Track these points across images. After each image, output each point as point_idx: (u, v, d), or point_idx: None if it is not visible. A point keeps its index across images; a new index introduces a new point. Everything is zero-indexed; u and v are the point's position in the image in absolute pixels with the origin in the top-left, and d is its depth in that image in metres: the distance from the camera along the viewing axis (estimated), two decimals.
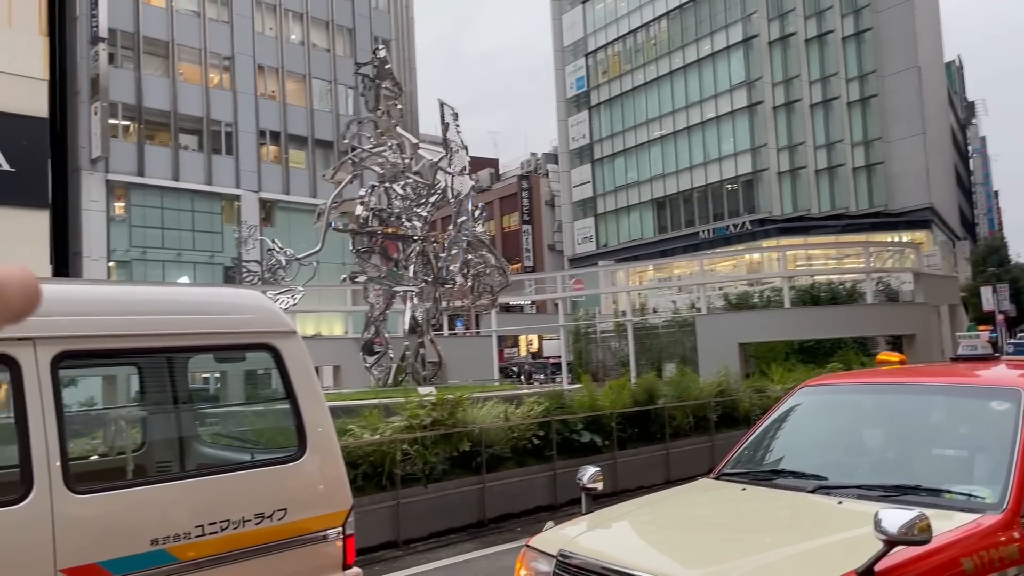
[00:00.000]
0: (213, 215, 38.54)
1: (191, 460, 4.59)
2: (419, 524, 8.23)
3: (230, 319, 3.94)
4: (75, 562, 3.19)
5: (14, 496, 3.14)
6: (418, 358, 16.33)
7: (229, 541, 3.59)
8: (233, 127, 39.51)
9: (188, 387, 4.92)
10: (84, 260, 34.14)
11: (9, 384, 3.25)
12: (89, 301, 3.64)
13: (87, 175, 34.65)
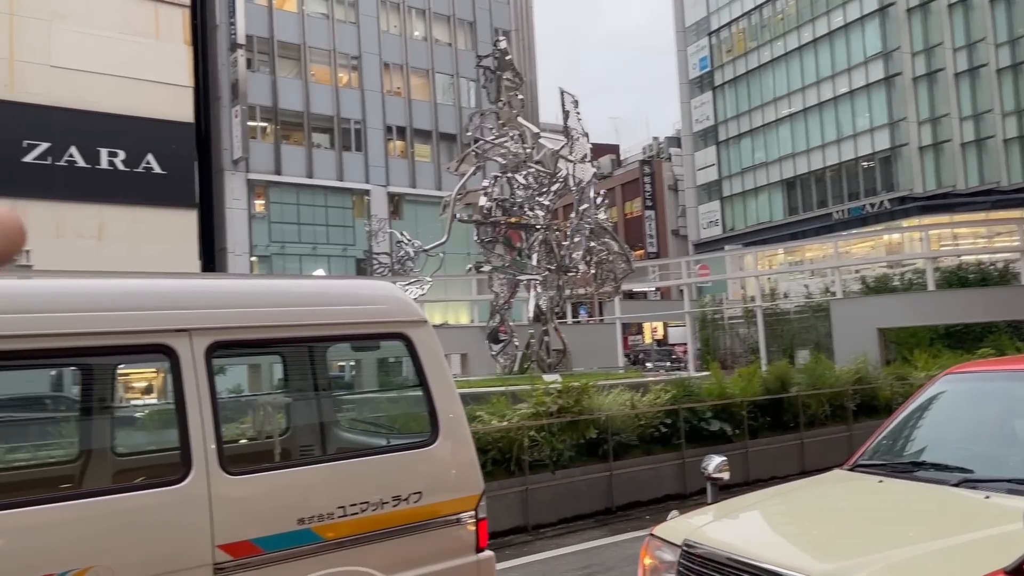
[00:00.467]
0: (345, 210, 40.14)
1: (331, 444, 4.81)
2: (547, 510, 8.35)
3: (366, 309, 4.09)
4: (231, 538, 3.41)
5: (175, 476, 3.40)
6: (542, 346, 16.47)
7: (368, 522, 3.74)
8: (362, 124, 40.99)
9: (328, 375, 5.16)
10: (229, 255, 36.37)
11: (168, 372, 3.52)
12: (238, 294, 3.87)
13: (229, 175, 36.86)
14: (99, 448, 4.48)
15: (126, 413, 5.79)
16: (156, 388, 10.91)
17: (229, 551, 3.39)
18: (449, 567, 3.99)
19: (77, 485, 4.24)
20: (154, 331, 3.46)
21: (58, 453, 5.19)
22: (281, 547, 3.51)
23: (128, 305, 3.48)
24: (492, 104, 17.05)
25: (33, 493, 3.96)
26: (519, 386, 10.64)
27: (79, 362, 4.22)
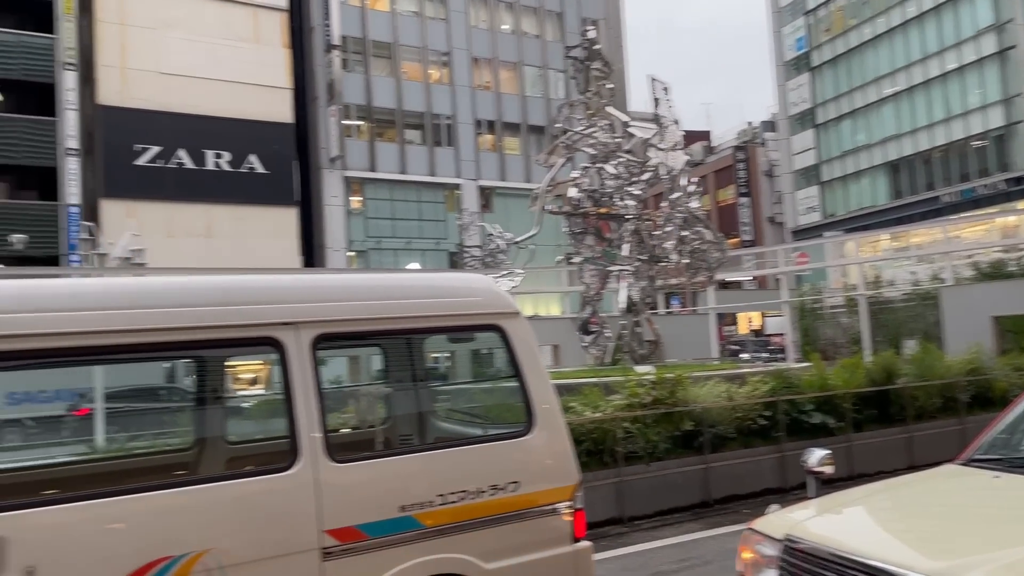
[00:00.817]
0: (437, 204, 40.75)
1: (430, 434, 4.91)
2: (642, 502, 8.30)
3: (462, 302, 4.17)
4: (337, 524, 3.53)
5: (284, 464, 3.54)
6: (634, 337, 16.32)
7: (466, 510, 3.82)
8: (452, 119, 41.49)
9: (425, 366, 5.28)
10: (328, 251, 37.49)
11: (277, 364, 3.67)
12: (341, 288, 4.01)
13: (327, 173, 37.96)
14: (213, 436, 4.72)
15: (237, 403, 6.07)
16: (263, 379, 11.37)
17: (336, 536, 3.51)
18: (546, 556, 4.02)
19: (193, 472, 4.47)
20: (263, 324, 3.61)
21: (175, 441, 5.48)
22: (384, 533, 3.61)
23: (239, 300, 3.64)
24: (581, 95, 16.96)
25: (153, 479, 4.22)
26: (612, 377, 10.58)
27: (194, 354, 4.45)
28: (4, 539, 2.94)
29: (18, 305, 3.22)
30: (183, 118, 33.07)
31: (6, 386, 5.49)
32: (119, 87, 32.63)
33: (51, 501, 3.34)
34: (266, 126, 35.31)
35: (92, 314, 3.31)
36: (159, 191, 32.70)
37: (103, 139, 32.31)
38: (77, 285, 3.82)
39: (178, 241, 32.13)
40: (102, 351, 3.49)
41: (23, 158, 30.92)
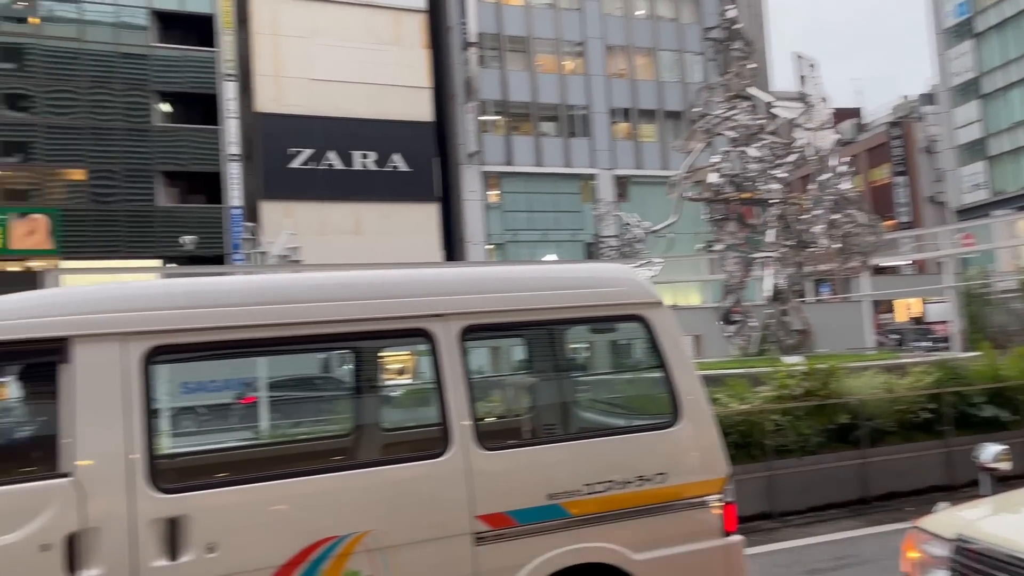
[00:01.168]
0: (573, 195, 40.78)
1: (575, 424, 4.95)
2: (794, 497, 8.00)
3: (603, 292, 4.17)
4: (488, 509, 3.63)
5: (436, 451, 3.68)
6: (781, 326, 15.72)
7: (613, 501, 3.83)
8: (587, 109, 41.35)
9: (568, 356, 5.30)
10: (467, 245, 38.35)
11: (428, 354, 3.80)
12: (487, 281, 4.10)
13: (465, 169, 38.79)
14: (369, 424, 4.95)
15: (390, 392, 6.33)
16: (410, 369, 11.75)
17: (487, 521, 3.61)
18: (696, 549, 3.97)
19: (351, 457, 4.71)
20: (415, 316, 3.76)
21: (334, 428, 5.78)
22: (533, 520, 3.68)
23: (392, 293, 3.80)
24: (720, 76, 16.48)
25: (317, 463, 4.47)
26: (759, 368, 10.24)
27: (351, 346, 4.68)
28: (188, 517, 3.20)
29: (194, 301, 3.50)
30: (332, 121, 34.75)
31: (185, 376, 5.99)
32: (274, 95, 34.68)
33: (227, 483, 3.60)
34: (408, 125, 36.54)
35: (258, 309, 3.54)
36: (312, 191, 34.54)
37: (261, 144, 34.46)
38: (243, 282, 4.08)
39: (329, 238, 33.81)
40: (267, 343, 3.74)
41: (191, 165, 33.47)
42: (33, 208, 30.99)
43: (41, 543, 2.98)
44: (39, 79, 31.32)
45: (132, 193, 32.33)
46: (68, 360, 3.19)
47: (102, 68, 32.11)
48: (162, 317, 3.37)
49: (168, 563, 3.14)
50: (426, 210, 37.25)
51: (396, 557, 3.45)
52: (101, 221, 31.79)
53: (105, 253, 31.02)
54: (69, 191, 31.99)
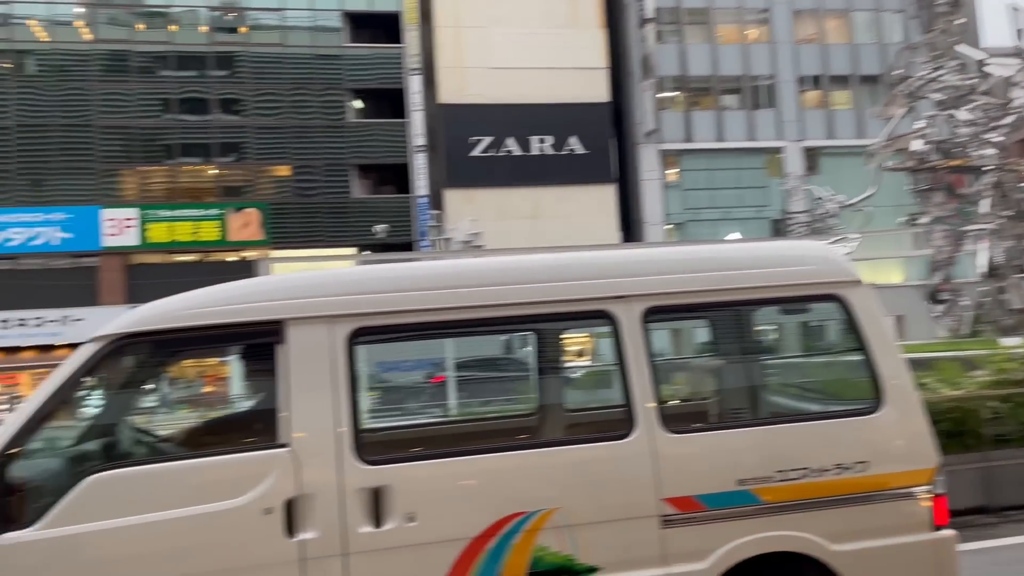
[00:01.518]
0: (757, 171, 39.13)
1: (766, 408, 4.80)
2: (1016, 491, 7.31)
3: (795, 271, 4.00)
4: (675, 493, 3.61)
5: (620, 432, 3.69)
6: (998, 305, 14.33)
7: (808, 489, 3.69)
8: (772, 79, 39.44)
9: (757, 338, 5.15)
10: (646, 226, 37.88)
11: (610, 336, 3.80)
12: (668, 262, 4.06)
13: (643, 148, 38.27)
14: (553, 404, 5.06)
15: (573, 373, 6.43)
16: (590, 351, 11.84)
17: (674, 504, 3.60)
18: (902, 542, 3.77)
19: (538, 436, 4.83)
20: (597, 298, 3.79)
21: (520, 407, 5.96)
22: (722, 505, 3.63)
23: (574, 275, 3.84)
24: (924, 35, 15.20)
25: (505, 441, 4.63)
26: (973, 351, 9.41)
27: (535, 327, 4.79)
28: (390, 487, 3.40)
29: (391, 286, 3.72)
30: (510, 108, 35.47)
31: (384, 356, 6.39)
32: (456, 85, 35.90)
33: (424, 456, 3.82)
34: (584, 107, 36.58)
35: (449, 292, 3.71)
36: (492, 178, 35.49)
37: (444, 134, 35.81)
38: (435, 267, 4.28)
39: (508, 223, 34.59)
40: (457, 325, 3.92)
41: (381, 157, 35.42)
42: (246, 203, 34.06)
43: (264, 507, 3.29)
44: (248, 84, 34.28)
45: (330, 186, 34.71)
46: (283, 341, 3.49)
47: (301, 70, 34.63)
48: (364, 301, 3.60)
49: (373, 530, 3.36)
50: (603, 192, 37.18)
51: (583, 536, 3.49)
52: (304, 213, 34.40)
53: (308, 242, 33.57)
54: (276, 186, 34.87)
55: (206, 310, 3.54)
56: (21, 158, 32.44)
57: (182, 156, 34.46)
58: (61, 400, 3.37)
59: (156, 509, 3.23)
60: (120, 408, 3.99)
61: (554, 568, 3.47)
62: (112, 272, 31.93)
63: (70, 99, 32.90)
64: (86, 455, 3.68)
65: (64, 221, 32.21)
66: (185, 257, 34.23)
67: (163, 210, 33.31)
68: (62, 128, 32.68)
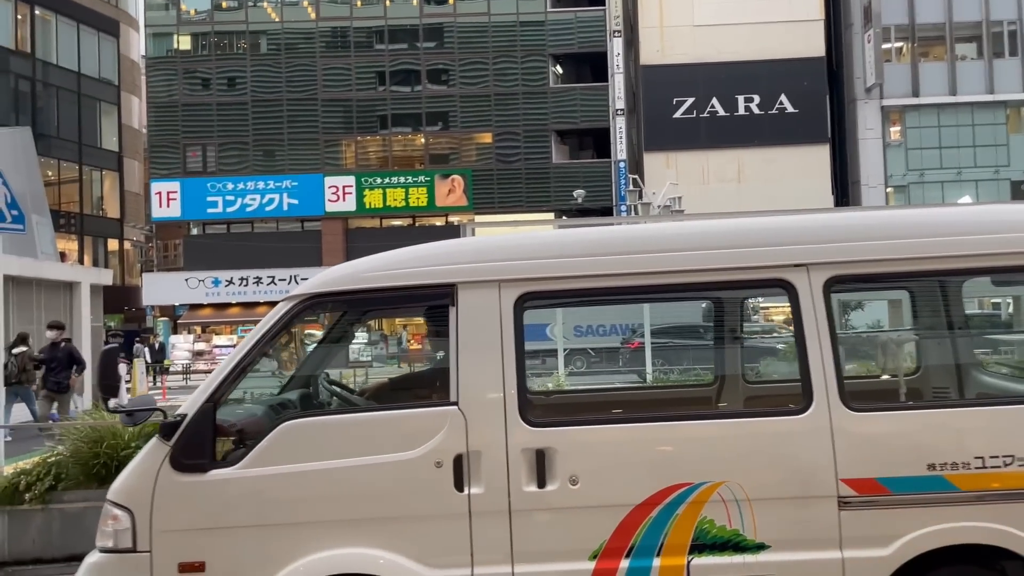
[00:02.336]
0: (997, 127, 35.03)
1: (971, 388, 4.43)
2: None
3: (1008, 239, 3.62)
4: (855, 474, 3.41)
5: (799, 407, 3.53)
6: None
7: (1013, 478, 3.39)
8: (1017, 24, 34.93)
9: (963, 311, 4.74)
10: (862, 188, 35.23)
11: (791, 306, 3.62)
12: (856, 227, 3.79)
13: (862, 104, 35.45)
14: (731, 375, 4.92)
15: (753, 344, 6.19)
16: (779, 322, 11.26)
17: (853, 486, 3.42)
18: None
19: (710, 406, 4.74)
20: (774, 266, 3.62)
21: (693, 377, 5.83)
22: (910, 490, 3.40)
23: (751, 242, 3.69)
24: None
25: (676, 410, 4.58)
26: None
27: (711, 295, 4.67)
28: (553, 449, 3.43)
29: (559, 251, 3.77)
30: (715, 67, 34.16)
31: (578, 320, 6.40)
32: (658, 46, 35.08)
33: (589, 422, 3.88)
34: (796, 63, 34.42)
35: (617, 259, 3.68)
36: (693, 141, 34.48)
37: (644, 97, 35.22)
38: (605, 233, 4.25)
39: (710, 187, 33.54)
40: (624, 291, 3.89)
41: (581, 122, 35.55)
42: (452, 170, 35.56)
43: (435, 460, 3.43)
44: (455, 54, 35.55)
45: (530, 152, 35.38)
46: (455, 303, 3.60)
47: (505, 38, 35.37)
48: (532, 266, 3.64)
49: (537, 490, 3.42)
50: (815, 152, 34.92)
51: (753, 511, 3.41)
52: (505, 179, 35.37)
53: (509, 207, 34.53)
54: (479, 153, 36.08)
55: (387, 272, 3.72)
56: (256, 131, 35.91)
57: (394, 126, 36.53)
58: (260, 353, 3.72)
59: (338, 456, 3.45)
60: (312, 362, 4.36)
61: (721, 542, 3.40)
62: (333, 235, 34.71)
63: (297, 74, 35.87)
64: (282, 404, 4.04)
65: (292, 188, 35.38)
66: (397, 221, 36.46)
67: (378, 177, 35.59)
68: (290, 102, 35.74)
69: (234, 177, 35.62)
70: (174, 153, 36.27)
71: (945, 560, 3.39)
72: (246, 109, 35.92)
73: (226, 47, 36.93)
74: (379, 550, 3.39)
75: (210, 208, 35.65)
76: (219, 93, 36.29)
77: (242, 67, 36.18)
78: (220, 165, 36.05)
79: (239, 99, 35.99)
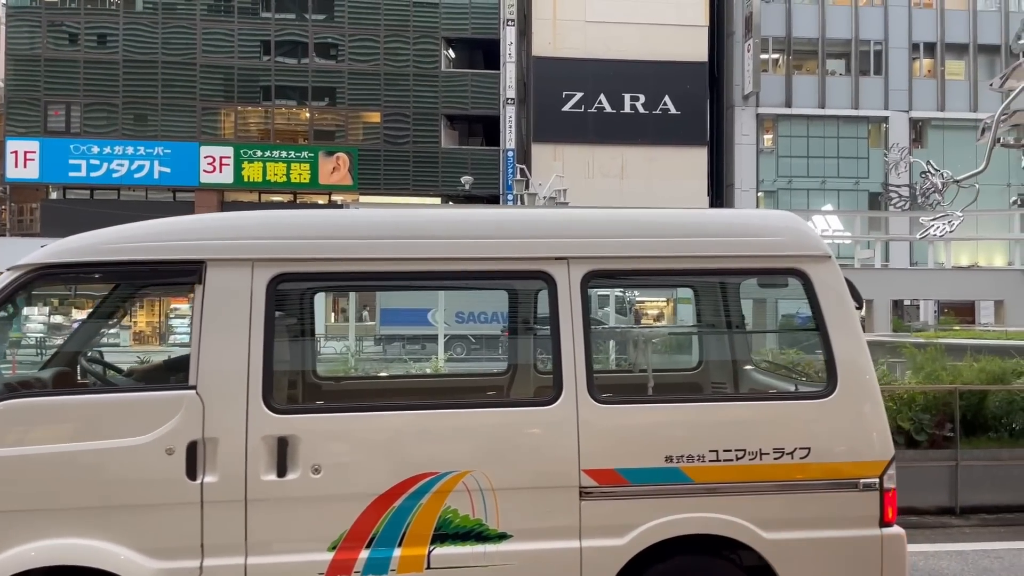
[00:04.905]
0: (859, 140, 37.52)
1: (707, 385, 4.63)
2: None
3: (756, 242, 3.75)
4: (596, 464, 3.45)
5: (547, 398, 3.54)
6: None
7: (744, 471, 3.52)
8: (883, 45, 37.46)
9: (711, 311, 4.91)
10: (736, 191, 36.93)
11: (548, 298, 3.62)
12: (616, 224, 3.82)
13: (739, 111, 37.11)
14: (524, 364, 4.91)
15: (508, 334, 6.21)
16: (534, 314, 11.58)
17: (595, 477, 3.45)
18: (844, 536, 3.56)
19: (456, 396, 4.83)
20: (535, 258, 3.63)
21: (443, 366, 5.76)
22: (647, 481, 3.47)
23: (513, 233, 3.69)
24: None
25: (421, 399, 4.62)
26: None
27: (475, 285, 4.52)
28: (296, 437, 3.32)
29: (312, 232, 3.60)
30: (604, 64, 34.84)
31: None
32: (550, 38, 35.41)
33: (335, 409, 3.86)
34: (680, 66, 35.60)
35: (376, 243, 3.57)
36: (581, 135, 35.08)
37: (536, 88, 35.48)
38: (362, 216, 4.08)
39: (595, 181, 34.25)
40: (385, 277, 3.81)
41: (471, 108, 35.36)
42: (337, 147, 34.64)
43: (167, 446, 3.25)
44: (345, 29, 34.59)
45: (419, 135, 34.93)
46: (202, 281, 3.41)
47: (398, 17, 34.70)
48: (287, 246, 3.50)
49: (276, 479, 3.30)
50: (694, 154, 36.31)
51: (496, 501, 3.40)
52: (392, 160, 34.79)
53: (395, 190, 34.01)
54: (367, 132, 35.30)
55: (132, 245, 3.48)
56: (127, 93, 33.73)
57: (278, 98, 35.20)
58: None
59: (64, 440, 3.24)
60: (39, 337, 4.00)
61: (463, 532, 3.38)
62: (207, 208, 33.12)
63: (175, 36, 33.90)
64: (24, 383, 3.73)
65: (164, 156, 33.47)
66: (277, 197, 35.23)
67: (258, 150, 34.22)
68: (166, 65, 33.77)
69: (100, 140, 33.32)
70: (34, 110, 33.54)
71: (678, 550, 3.48)
72: (116, 69, 33.64)
73: (97, 1, 34.47)
74: (98, 540, 3.20)
75: (72, 172, 33.20)
76: (88, 50, 33.80)
77: (114, 24, 33.81)
78: (85, 126, 33.63)
79: (109, 57, 33.66)
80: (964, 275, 24.99)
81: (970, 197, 15.63)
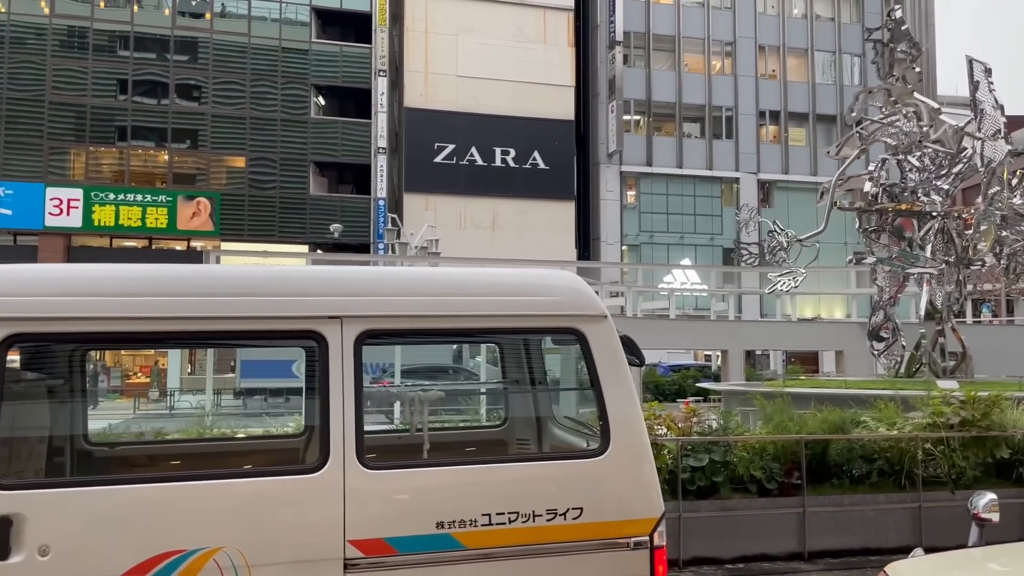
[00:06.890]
0: (713, 199, 39.79)
1: (481, 446, 4.55)
2: (947, 531, 7.45)
3: (535, 301, 3.73)
4: (364, 534, 3.26)
5: (312, 465, 3.32)
6: (936, 347, 14.72)
7: (518, 534, 3.43)
8: (733, 111, 40.19)
9: (513, 366, 4.86)
10: (602, 245, 38.18)
11: (319, 359, 3.42)
12: (391, 282, 3.75)
13: (604, 168, 38.61)
14: (235, 429, 4.69)
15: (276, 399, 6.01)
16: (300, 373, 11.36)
17: (360, 548, 3.27)
18: None
19: (210, 465, 4.50)
20: (306, 317, 3.43)
21: (195, 432, 5.46)
22: (417, 550, 3.32)
23: (281, 291, 3.48)
24: (882, 80, 15.59)
25: (167, 470, 4.35)
26: (910, 391, 9.61)
27: (236, 344, 4.28)
28: (22, 516, 2.99)
29: (57, 289, 3.28)
30: (476, 118, 35.47)
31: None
32: (422, 90, 35.76)
33: (65, 484, 3.49)
34: (549, 123, 36.78)
35: (128, 300, 3.28)
36: (453, 186, 35.39)
37: (407, 139, 35.62)
38: (118, 272, 3.57)
39: (467, 232, 34.53)
40: (138, 338, 3.58)
41: (342, 156, 35.02)
42: (198, 192, 33.33)
43: None
44: (209, 71, 33.63)
45: (287, 181, 34.18)
46: None
47: (266, 62, 34.11)
48: (25, 304, 3.19)
49: None
50: (563, 208, 37.38)
51: None
52: (258, 206, 33.81)
53: (261, 237, 32.99)
54: (230, 177, 34.19)
55: None
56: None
57: (135, 139, 33.64)
58: None
59: None
60: None
61: None
62: (51, 253, 30.93)
63: (23, 72, 31.89)
64: None
65: (5, 197, 31.13)
66: (131, 243, 33.40)
67: (111, 192, 32.43)
68: (11, 101, 31.65)
69: None
70: None
71: None
72: None
73: None
74: None
75: None
76: None
77: None
78: None
79: None
80: (808, 327, 26.76)
81: (812, 255, 16.72)
